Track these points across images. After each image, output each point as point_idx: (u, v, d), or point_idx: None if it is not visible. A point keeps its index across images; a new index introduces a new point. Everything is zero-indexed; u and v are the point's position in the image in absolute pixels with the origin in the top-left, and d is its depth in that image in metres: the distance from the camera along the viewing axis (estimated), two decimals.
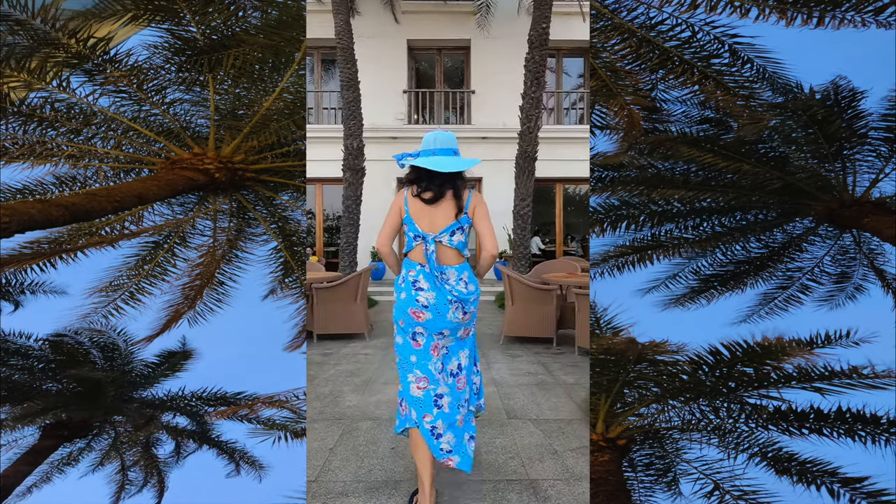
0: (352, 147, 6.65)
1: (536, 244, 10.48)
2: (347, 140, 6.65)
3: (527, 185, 6.57)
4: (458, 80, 10.22)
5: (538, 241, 10.78)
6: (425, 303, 1.59)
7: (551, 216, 10.05)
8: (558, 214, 9.95)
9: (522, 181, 6.57)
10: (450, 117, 9.85)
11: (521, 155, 6.55)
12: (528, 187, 6.57)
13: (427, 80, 10.27)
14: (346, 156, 6.65)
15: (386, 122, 9.10)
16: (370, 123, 8.09)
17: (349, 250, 6.73)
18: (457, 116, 9.84)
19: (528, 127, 6.39)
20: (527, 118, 6.38)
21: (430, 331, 1.62)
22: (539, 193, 8.70)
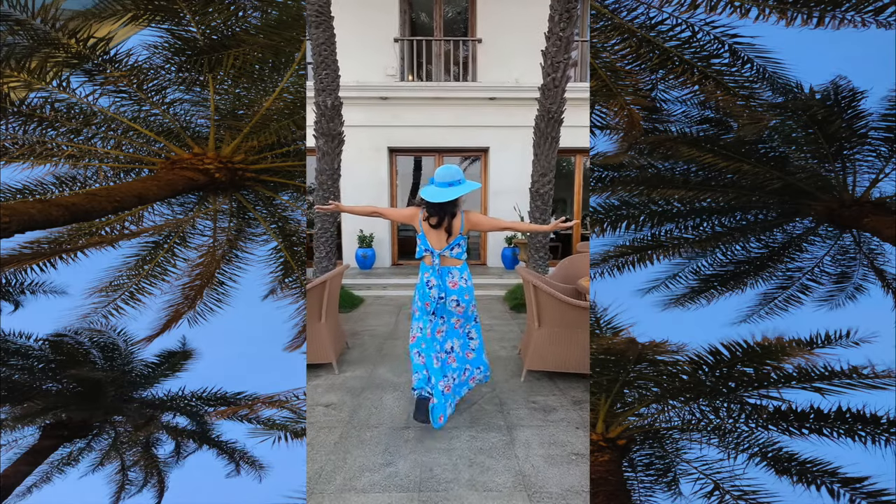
0: (325, 106, 5.01)
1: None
2: (319, 97, 5.01)
3: (549, 156, 5.01)
4: (462, 31, 8.21)
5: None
6: (433, 296, 2.25)
7: (561, 192, 7.78)
8: (577, 192, 8.23)
9: (543, 151, 5.02)
10: (451, 71, 7.82)
11: (542, 117, 4.93)
12: (550, 158, 5.03)
13: (424, 30, 8.50)
14: (317, 118, 5.06)
15: (372, 78, 7.22)
16: (352, 80, 6.62)
17: (325, 239, 5.28)
18: (459, 71, 7.85)
19: (553, 79, 4.71)
20: (552, 66, 4.69)
21: (437, 315, 2.32)
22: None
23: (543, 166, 5.07)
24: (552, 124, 4.92)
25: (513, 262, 7.55)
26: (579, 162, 8.19)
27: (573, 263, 3.84)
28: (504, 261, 7.68)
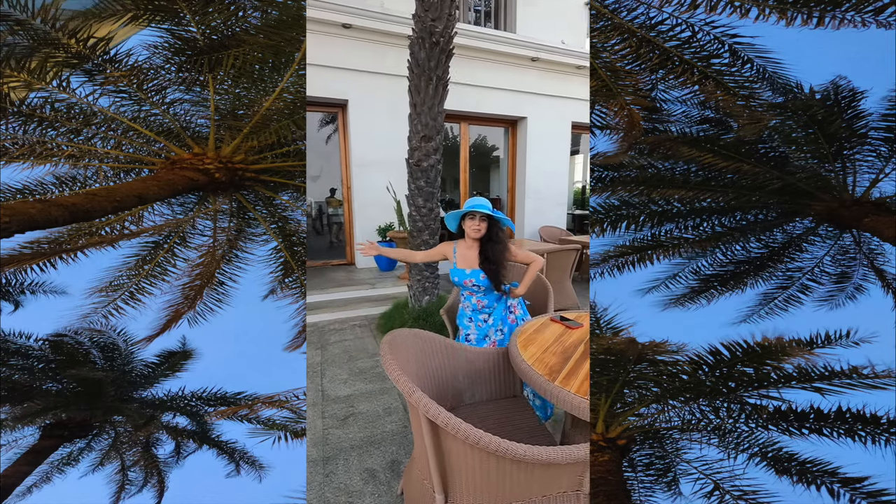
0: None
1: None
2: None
3: (434, 110, 3.65)
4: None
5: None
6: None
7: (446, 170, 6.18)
8: (464, 170, 7.10)
9: (426, 100, 3.62)
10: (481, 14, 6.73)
11: (419, 43, 3.50)
12: (436, 114, 3.68)
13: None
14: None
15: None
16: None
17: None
18: (491, 19, 6.90)
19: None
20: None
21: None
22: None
23: (427, 126, 3.53)
24: (438, 56, 3.34)
25: (389, 263, 5.84)
26: (465, 134, 6.70)
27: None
28: (378, 260, 5.95)
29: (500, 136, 7.92)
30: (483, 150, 8.57)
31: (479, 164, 8.63)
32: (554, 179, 7.68)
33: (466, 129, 7.02)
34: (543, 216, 7.68)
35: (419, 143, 3.72)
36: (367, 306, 4.70)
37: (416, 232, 4.02)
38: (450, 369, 1.98)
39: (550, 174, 7.62)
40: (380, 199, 5.89)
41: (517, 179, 7.71)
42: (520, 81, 6.82)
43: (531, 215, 7.60)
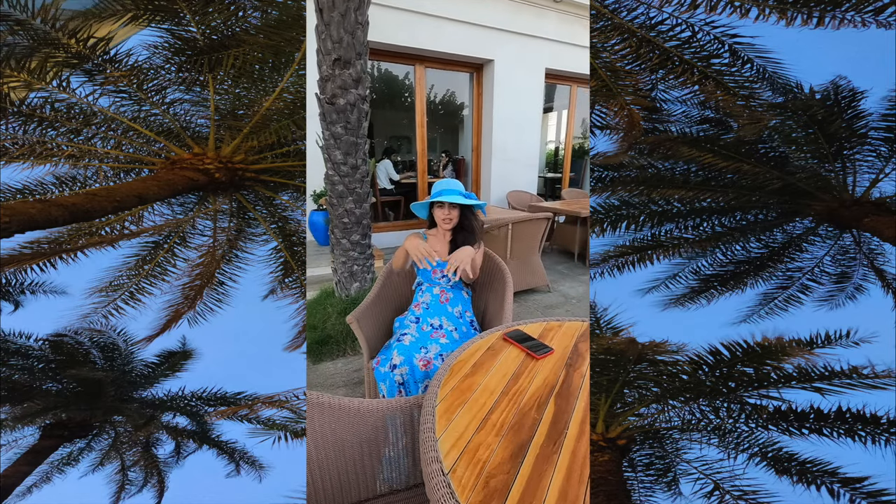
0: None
1: (386, 171, 6.80)
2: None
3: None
4: None
5: (389, 166, 6.86)
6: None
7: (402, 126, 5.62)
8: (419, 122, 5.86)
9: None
10: None
11: None
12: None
13: None
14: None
15: None
16: None
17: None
18: None
19: None
20: None
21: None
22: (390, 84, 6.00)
23: (341, 44, 2.69)
24: None
25: (326, 234, 4.70)
26: (421, 79, 5.70)
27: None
28: (314, 231, 5.02)
29: (464, 85, 6.68)
30: (451, 109, 7.49)
31: (446, 123, 7.70)
32: (524, 137, 6.63)
33: (423, 73, 5.76)
34: (511, 180, 6.72)
35: (331, 69, 2.71)
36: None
37: (337, 199, 3.06)
38: (356, 445, 1.26)
39: (520, 129, 6.55)
40: (314, 154, 4.58)
41: (483, 136, 6.64)
42: (486, 15, 5.62)
43: (498, 178, 6.64)
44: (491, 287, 2.25)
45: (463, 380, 1.23)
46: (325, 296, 3.49)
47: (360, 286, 3.37)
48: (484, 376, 1.25)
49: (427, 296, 2.09)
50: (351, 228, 3.18)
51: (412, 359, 1.75)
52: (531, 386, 1.20)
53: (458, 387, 1.19)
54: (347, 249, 3.25)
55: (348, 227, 3.17)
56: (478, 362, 1.34)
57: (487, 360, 1.35)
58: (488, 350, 1.42)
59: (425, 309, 2.04)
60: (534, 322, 1.66)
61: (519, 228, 3.86)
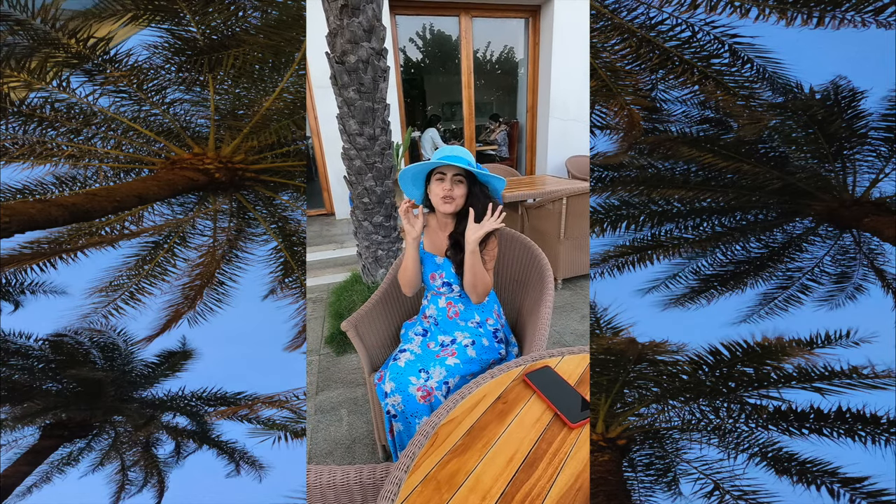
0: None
1: (432, 141, 6.08)
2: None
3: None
4: None
5: (435, 134, 6.12)
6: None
7: (457, 91, 4.86)
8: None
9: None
10: None
11: None
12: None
13: None
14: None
15: None
16: None
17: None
18: None
19: None
20: None
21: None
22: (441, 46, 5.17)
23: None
24: None
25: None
26: (468, 31, 4.90)
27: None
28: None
29: (520, 36, 5.58)
30: (509, 67, 6.34)
31: (504, 84, 6.48)
32: (588, 92, 5.19)
33: (469, 24, 4.82)
34: (572, 144, 5.69)
35: (339, 19, 2.33)
36: (331, 272, 3.51)
37: (355, 176, 2.74)
38: None
39: (584, 84, 5.37)
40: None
41: (539, 93, 5.62)
42: None
43: (556, 142, 5.65)
44: (527, 284, 1.75)
45: (447, 461, 0.76)
46: (354, 280, 3.17)
47: (385, 272, 3.03)
48: (481, 454, 0.77)
49: (432, 308, 1.67)
50: (372, 209, 2.86)
51: (407, 387, 1.36)
52: (553, 484, 0.70)
53: (434, 476, 0.73)
54: (370, 233, 2.91)
55: (369, 208, 2.86)
56: (477, 425, 0.84)
57: (492, 423, 0.85)
58: (498, 400, 0.92)
59: (434, 325, 1.65)
60: (573, 352, 1.08)
61: (576, 202, 3.22)
